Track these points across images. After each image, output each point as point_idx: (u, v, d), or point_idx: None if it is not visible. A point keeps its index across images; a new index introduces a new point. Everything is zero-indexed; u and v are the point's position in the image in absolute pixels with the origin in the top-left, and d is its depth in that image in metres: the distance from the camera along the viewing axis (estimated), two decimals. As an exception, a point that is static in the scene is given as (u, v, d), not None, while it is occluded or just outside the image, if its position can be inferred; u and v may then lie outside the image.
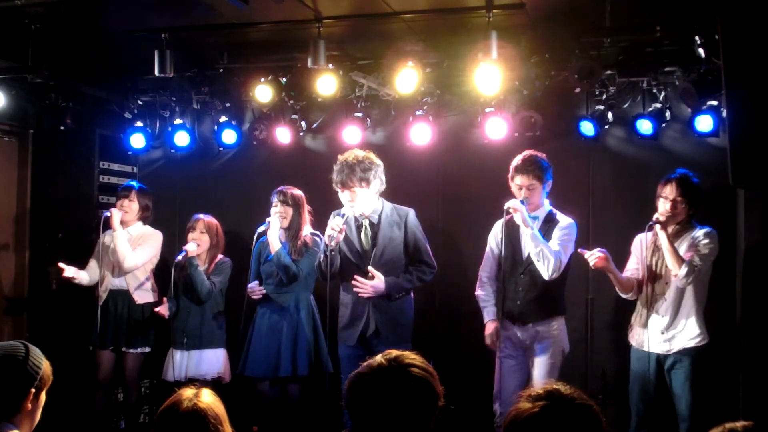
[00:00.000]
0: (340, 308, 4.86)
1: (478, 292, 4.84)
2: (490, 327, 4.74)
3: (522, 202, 4.53)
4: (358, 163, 4.64)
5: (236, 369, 5.28)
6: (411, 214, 4.83)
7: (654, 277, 4.48)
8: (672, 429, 4.48)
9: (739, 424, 1.97)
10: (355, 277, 4.69)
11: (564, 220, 4.65)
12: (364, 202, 4.72)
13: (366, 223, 4.79)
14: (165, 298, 5.42)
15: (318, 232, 5.19)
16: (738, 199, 5.11)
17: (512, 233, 4.64)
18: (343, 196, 4.72)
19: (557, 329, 4.62)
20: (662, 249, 4.35)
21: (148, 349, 5.54)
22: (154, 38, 5.04)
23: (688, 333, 4.41)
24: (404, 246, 4.76)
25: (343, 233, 4.67)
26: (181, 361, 5.30)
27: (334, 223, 4.64)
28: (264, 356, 5.10)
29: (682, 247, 4.39)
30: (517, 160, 4.64)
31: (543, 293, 4.59)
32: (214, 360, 5.37)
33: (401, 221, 4.77)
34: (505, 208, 4.48)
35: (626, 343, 4.69)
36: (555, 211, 4.71)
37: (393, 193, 4.96)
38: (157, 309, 5.41)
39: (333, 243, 4.62)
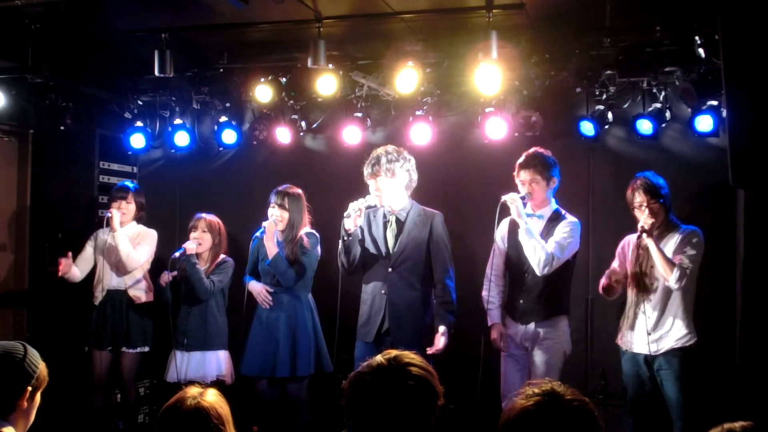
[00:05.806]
0: (361, 305, 4.85)
1: (484, 293, 4.73)
2: (494, 332, 4.72)
3: (524, 197, 4.54)
4: (386, 153, 4.70)
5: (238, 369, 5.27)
6: (438, 217, 4.81)
7: (640, 279, 4.48)
8: (671, 428, 4.48)
9: (738, 424, 1.97)
10: (428, 351, 4.53)
11: (568, 219, 4.65)
12: (389, 193, 4.72)
13: (393, 219, 4.80)
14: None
15: (314, 231, 5.18)
16: (738, 199, 5.10)
17: (516, 230, 4.63)
18: (370, 185, 4.74)
19: (559, 330, 4.61)
20: (652, 256, 4.36)
21: (146, 349, 5.54)
22: (154, 38, 5.03)
23: (675, 333, 4.41)
24: (427, 248, 4.74)
25: (361, 216, 4.64)
26: (182, 362, 5.27)
27: (355, 205, 4.60)
28: (260, 355, 5.08)
29: (667, 248, 4.40)
30: (521, 157, 4.67)
31: (546, 291, 4.58)
32: (214, 362, 5.33)
33: (427, 222, 4.76)
34: (502, 200, 4.50)
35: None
36: (562, 210, 4.70)
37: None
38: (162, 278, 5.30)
39: (350, 225, 4.58)
